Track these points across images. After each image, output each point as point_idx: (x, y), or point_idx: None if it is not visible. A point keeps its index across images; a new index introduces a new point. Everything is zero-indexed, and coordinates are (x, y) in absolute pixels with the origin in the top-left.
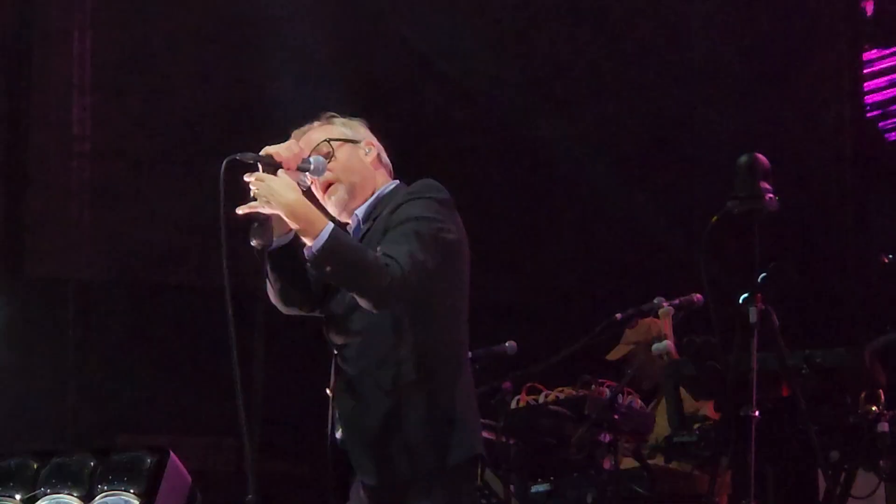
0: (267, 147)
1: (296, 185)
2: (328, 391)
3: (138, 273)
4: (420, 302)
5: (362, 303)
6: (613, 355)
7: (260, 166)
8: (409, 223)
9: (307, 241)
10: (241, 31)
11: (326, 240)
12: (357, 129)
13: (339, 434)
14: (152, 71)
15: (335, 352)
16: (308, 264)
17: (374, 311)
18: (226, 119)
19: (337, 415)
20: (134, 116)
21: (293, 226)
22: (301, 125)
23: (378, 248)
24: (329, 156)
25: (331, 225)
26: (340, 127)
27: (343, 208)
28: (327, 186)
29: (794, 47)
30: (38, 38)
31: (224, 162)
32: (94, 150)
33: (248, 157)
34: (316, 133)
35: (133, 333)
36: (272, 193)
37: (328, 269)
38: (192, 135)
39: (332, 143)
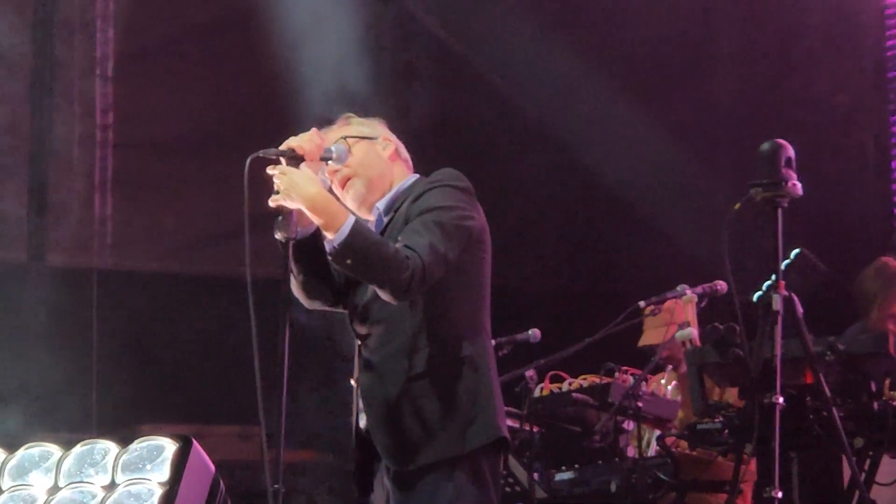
0: (288, 140)
1: (317, 178)
2: (352, 380)
3: (162, 263)
4: (441, 290)
5: (383, 295)
6: (643, 342)
7: (283, 160)
8: (430, 213)
9: (329, 235)
10: (267, 21)
11: (348, 234)
12: (374, 126)
13: (363, 422)
14: (176, 61)
15: (359, 341)
16: (329, 258)
17: (394, 303)
18: (249, 109)
19: (361, 403)
20: (157, 106)
21: (314, 219)
22: (324, 116)
23: (399, 239)
24: (346, 153)
25: (352, 218)
26: (357, 125)
27: (361, 203)
28: (345, 181)
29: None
30: (62, 28)
31: (248, 159)
32: (117, 140)
33: (271, 152)
34: (333, 133)
35: (156, 323)
36: (294, 187)
37: (349, 262)
38: (216, 125)
39: (348, 140)
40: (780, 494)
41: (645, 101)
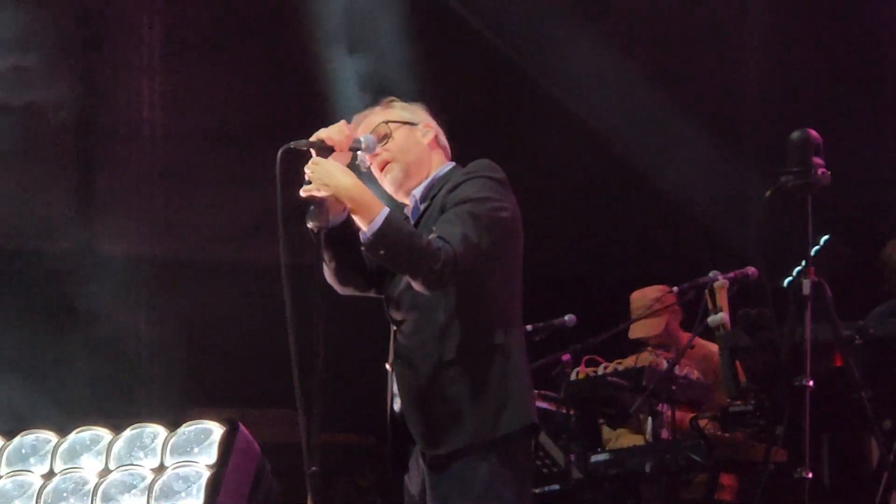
0: (318, 132)
1: (347, 170)
2: (387, 366)
3: (208, 252)
4: (474, 279)
5: (415, 285)
6: (634, 334)
7: (313, 151)
8: (464, 204)
9: (362, 226)
10: (306, 16)
11: (381, 224)
12: (416, 112)
13: (397, 406)
14: (218, 57)
15: (394, 327)
16: (363, 248)
17: (426, 293)
18: (290, 101)
19: (395, 388)
20: (200, 101)
21: (350, 209)
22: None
23: (433, 229)
24: (387, 137)
25: (386, 210)
26: (399, 110)
27: (399, 187)
28: (384, 165)
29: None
30: (109, 25)
31: (280, 151)
32: (163, 133)
33: (302, 144)
34: (375, 116)
35: (202, 310)
36: (328, 176)
37: (382, 252)
38: (256, 119)
39: (390, 124)
40: (810, 475)
41: (675, 90)
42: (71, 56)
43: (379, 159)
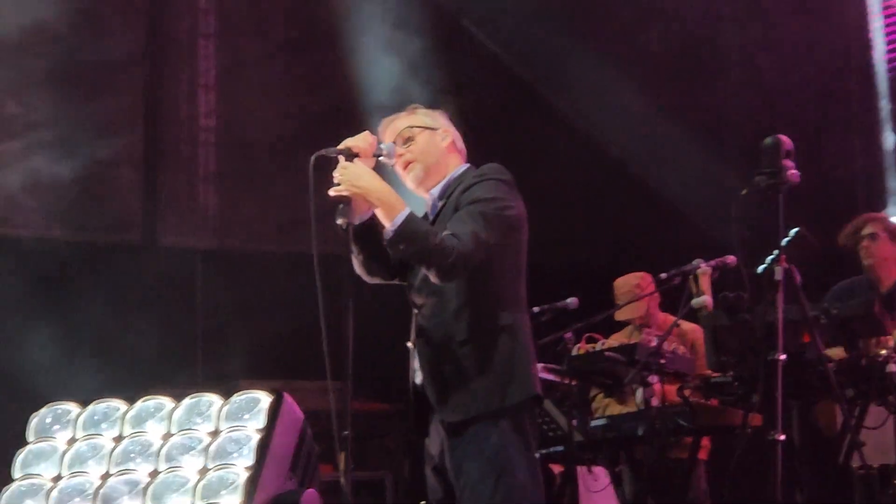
0: (345, 140)
1: (373, 172)
2: (409, 344)
3: (255, 243)
4: (484, 269)
5: (430, 276)
6: (620, 316)
7: (342, 158)
8: (475, 204)
9: (386, 223)
10: (340, 41)
11: (401, 223)
12: (436, 118)
13: (418, 379)
14: (265, 73)
15: (415, 310)
16: (385, 243)
17: (441, 284)
18: (326, 112)
19: (416, 363)
20: (250, 111)
21: (375, 207)
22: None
23: (447, 227)
24: (410, 140)
25: (407, 210)
26: (422, 116)
27: (419, 184)
28: (406, 165)
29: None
30: (170, 47)
31: (312, 157)
32: (217, 140)
33: (332, 151)
34: (401, 121)
35: (250, 294)
36: (357, 178)
37: (401, 247)
38: (299, 126)
39: (413, 129)
40: (782, 437)
41: (666, 100)
42: (138, 72)
43: (403, 159)
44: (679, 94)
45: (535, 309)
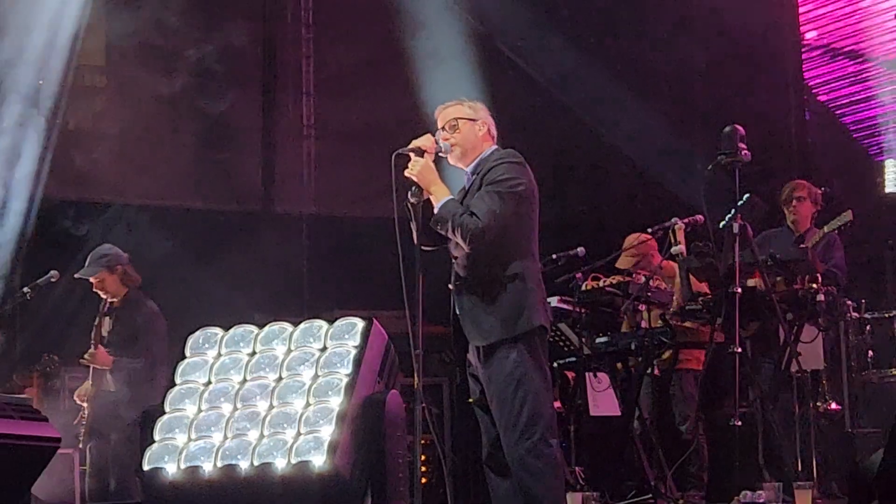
0: (415, 141)
1: (433, 167)
2: (450, 286)
3: (346, 209)
4: (503, 231)
5: (461, 244)
6: (620, 264)
7: (412, 154)
8: (493, 185)
9: (435, 204)
10: (409, 57)
11: (441, 206)
12: (478, 110)
13: (458, 312)
14: (354, 82)
15: (454, 261)
16: (431, 220)
17: (467, 250)
18: (399, 114)
19: (455, 300)
20: (342, 112)
21: (430, 194)
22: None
23: (471, 204)
24: (455, 128)
25: (447, 197)
26: (466, 108)
27: (458, 161)
28: (452, 147)
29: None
30: (280, 61)
31: (392, 155)
32: (316, 134)
33: (406, 149)
34: (450, 110)
35: (348, 247)
36: (426, 171)
37: (439, 225)
38: (379, 123)
39: (459, 120)
40: (739, 350)
41: (643, 97)
42: (255, 81)
43: (450, 142)
44: (653, 93)
45: (553, 256)
